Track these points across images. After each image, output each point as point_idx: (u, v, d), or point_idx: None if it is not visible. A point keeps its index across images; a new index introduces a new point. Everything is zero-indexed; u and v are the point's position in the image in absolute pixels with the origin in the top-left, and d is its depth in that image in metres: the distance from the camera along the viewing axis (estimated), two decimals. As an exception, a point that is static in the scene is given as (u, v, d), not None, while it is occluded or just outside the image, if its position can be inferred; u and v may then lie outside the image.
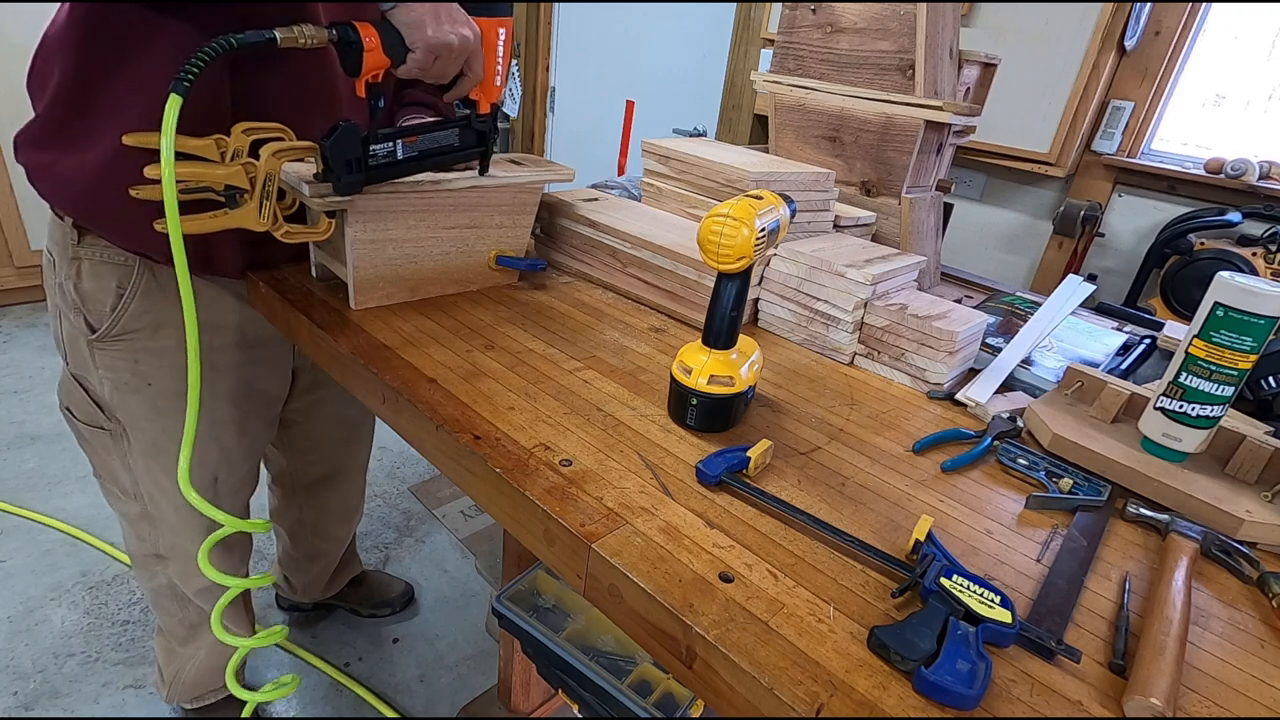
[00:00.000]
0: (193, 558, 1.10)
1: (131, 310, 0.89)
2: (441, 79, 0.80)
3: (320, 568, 1.50)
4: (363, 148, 0.78)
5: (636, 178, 1.26)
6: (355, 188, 0.79)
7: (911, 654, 0.46)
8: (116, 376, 0.92)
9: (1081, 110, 1.93)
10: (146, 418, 0.96)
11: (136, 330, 0.90)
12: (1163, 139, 2.04)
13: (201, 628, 1.24)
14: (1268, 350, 0.68)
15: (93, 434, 0.99)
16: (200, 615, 1.21)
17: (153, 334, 0.91)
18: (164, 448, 0.98)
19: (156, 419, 0.96)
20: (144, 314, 0.90)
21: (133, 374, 0.92)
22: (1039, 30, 1.93)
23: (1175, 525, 0.64)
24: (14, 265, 2.68)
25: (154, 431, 0.97)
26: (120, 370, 0.92)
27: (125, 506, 1.06)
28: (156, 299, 0.89)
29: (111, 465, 1.02)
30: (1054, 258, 2.18)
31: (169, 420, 0.96)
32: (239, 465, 1.08)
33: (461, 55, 0.78)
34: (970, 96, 1.27)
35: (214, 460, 1.03)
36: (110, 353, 0.91)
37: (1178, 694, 0.46)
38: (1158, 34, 1.90)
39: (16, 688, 1.39)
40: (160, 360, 0.92)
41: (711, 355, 0.69)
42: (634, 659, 1.03)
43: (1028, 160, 2.05)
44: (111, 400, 0.94)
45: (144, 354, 0.92)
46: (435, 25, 0.74)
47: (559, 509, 0.57)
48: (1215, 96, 1.96)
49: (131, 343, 0.91)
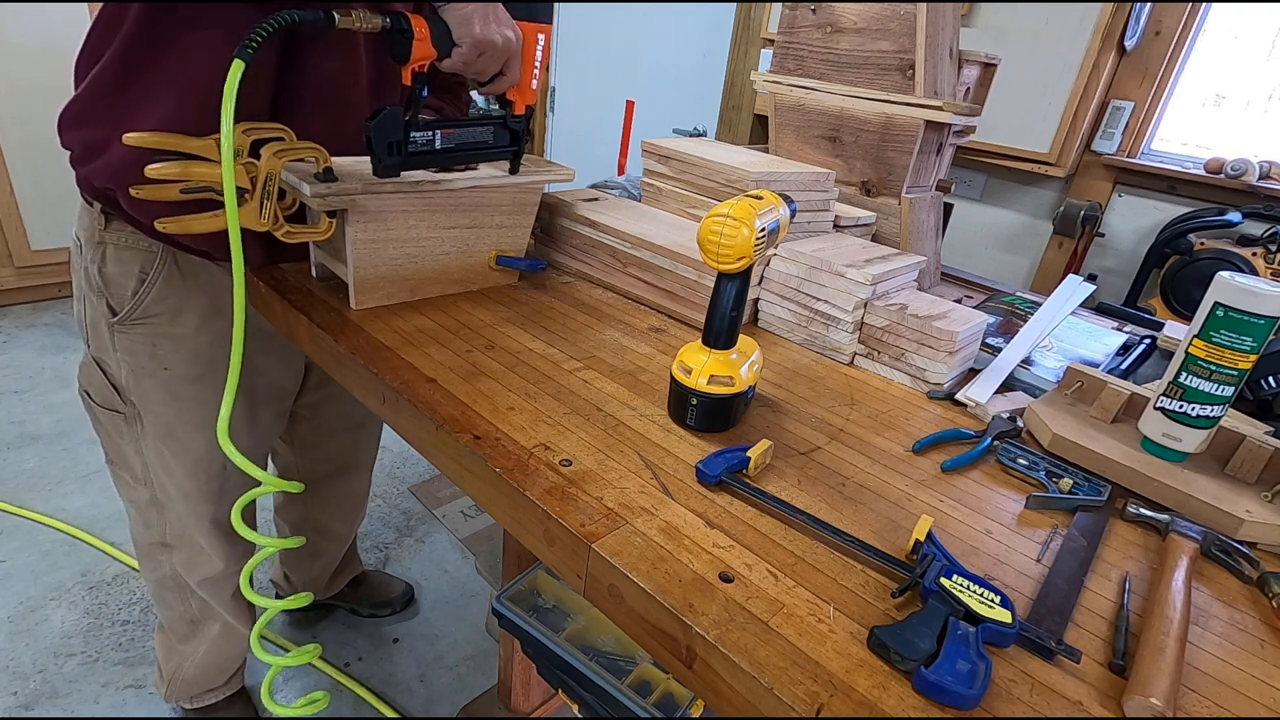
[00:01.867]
0: (198, 545, 1.12)
1: (153, 295, 0.91)
2: (481, 75, 0.84)
3: (322, 566, 1.51)
4: (404, 133, 0.81)
5: (636, 178, 1.26)
6: (394, 171, 0.82)
7: (911, 654, 0.46)
8: (134, 360, 0.95)
9: (1081, 110, 1.93)
10: (161, 402, 0.98)
11: (157, 315, 0.93)
12: (1163, 139, 2.04)
13: (202, 624, 1.24)
14: (1268, 350, 0.68)
15: (108, 417, 1.01)
16: (202, 610, 1.22)
17: (172, 319, 0.93)
18: (176, 432, 1.00)
19: (171, 403, 0.98)
20: (164, 299, 0.92)
21: (150, 358, 0.95)
22: (1039, 30, 1.93)
23: (1175, 525, 0.64)
24: (14, 265, 2.68)
25: (168, 415, 0.99)
26: (139, 354, 0.94)
27: (135, 493, 1.08)
28: (177, 285, 0.92)
29: (124, 450, 1.04)
30: (1054, 258, 2.18)
31: (182, 405, 0.98)
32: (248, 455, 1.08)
33: (504, 55, 0.82)
34: (970, 96, 1.27)
35: None
36: (130, 336, 0.93)
37: (1178, 694, 0.46)
38: (1158, 34, 1.90)
39: (16, 688, 1.39)
40: (178, 345, 0.95)
41: (711, 355, 0.69)
42: (634, 659, 1.04)
43: (1028, 160, 2.05)
44: (128, 383, 0.96)
45: (162, 338, 0.94)
46: (483, 23, 0.78)
47: (559, 509, 0.57)
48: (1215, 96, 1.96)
49: (151, 327, 0.93)
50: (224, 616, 1.23)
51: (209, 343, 0.96)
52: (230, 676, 1.35)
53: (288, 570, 1.53)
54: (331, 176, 0.79)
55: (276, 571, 1.57)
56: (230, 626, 1.25)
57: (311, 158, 0.79)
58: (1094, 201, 2.06)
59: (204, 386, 0.98)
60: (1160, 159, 2.02)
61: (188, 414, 0.99)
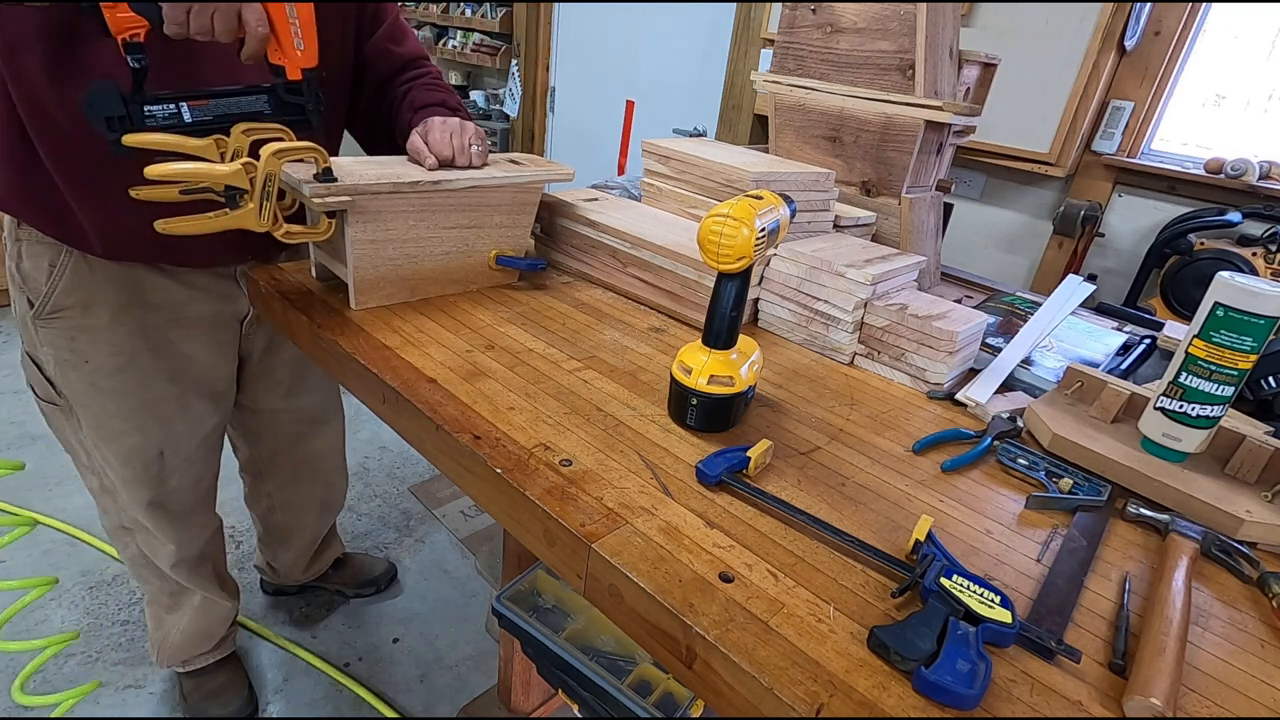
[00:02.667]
0: (149, 531, 1.15)
1: (61, 287, 0.93)
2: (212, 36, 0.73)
3: (297, 550, 1.53)
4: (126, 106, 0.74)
5: (636, 178, 1.26)
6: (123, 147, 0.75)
7: (911, 654, 0.46)
8: (57, 353, 0.97)
9: (1081, 110, 1.93)
10: (87, 394, 1.00)
11: (68, 307, 0.94)
12: (1163, 139, 2.04)
13: (182, 595, 1.29)
14: (1268, 350, 0.68)
15: (49, 410, 1.05)
16: (178, 585, 1.26)
17: (84, 311, 0.95)
18: (105, 423, 1.02)
19: (96, 395, 1.00)
20: (73, 291, 0.94)
21: (71, 351, 0.97)
22: (1039, 30, 1.93)
23: (1175, 525, 0.64)
24: (14, 265, 2.68)
25: (94, 408, 1.01)
26: (60, 347, 0.97)
27: (90, 481, 1.13)
28: (85, 277, 0.94)
29: (70, 440, 1.08)
30: (1054, 258, 2.18)
31: (107, 398, 1.00)
32: (185, 442, 1.11)
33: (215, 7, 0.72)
34: (970, 96, 1.27)
35: (157, 436, 1.07)
36: (50, 330, 0.96)
37: (1178, 694, 0.46)
38: (1158, 34, 1.90)
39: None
40: (95, 338, 0.96)
41: (711, 355, 0.69)
42: (634, 659, 1.03)
43: (1028, 160, 2.04)
44: (56, 377, 0.99)
45: (78, 331, 0.96)
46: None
47: (559, 509, 0.57)
48: (1215, 96, 1.96)
49: (66, 320, 0.95)
50: (199, 591, 1.27)
51: (126, 335, 0.98)
52: (218, 642, 1.38)
53: (268, 556, 1.57)
54: (331, 177, 0.79)
55: (259, 558, 1.61)
56: (208, 599, 1.30)
57: (311, 158, 0.79)
58: (1094, 201, 2.06)
59: (125, 379, 1.00)
60: (1160, 159, 2.02)
61: (113, 405, 1.01)
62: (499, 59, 3.40)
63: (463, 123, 0.94)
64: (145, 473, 1.08)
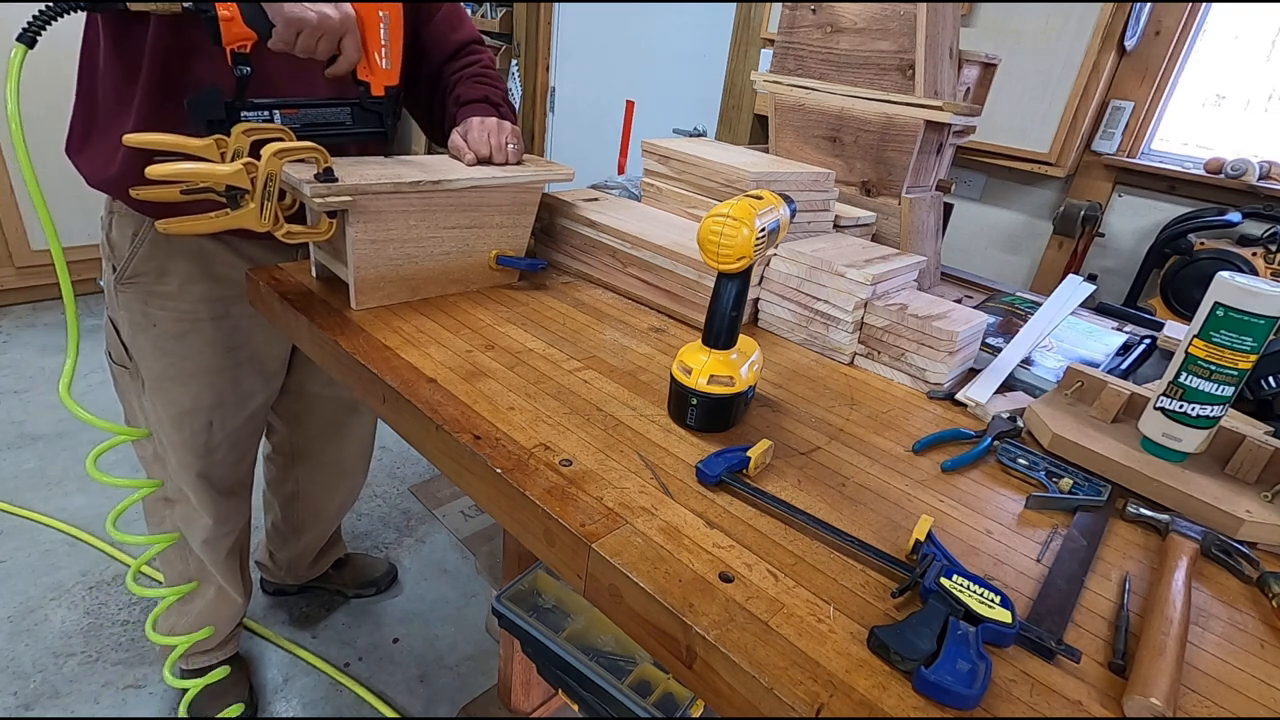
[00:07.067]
0: (190, 500, 1.19)
1: (141, 254, 1.01)
2: (313, 54, 0.82)
3: (306, 544, 1.54)
4: (227, 111, 0.80)
5: (636, 178, 1.26)
6: None
7: (911, 654, 0.46)
8: (131, 316, 1.05)
9: (1081, 110, 1.93)
10: (152, 356, 1.07)
11: (145, 273, 1.02)
12: (1163, 139, 2.04)
13: (201, 584, 1.30)
14: (1268, 350, 0.68)
15: (120, 373, 1.12)
16: (199, 571, 1.29)
17: (158, 278, 1.02)
18: (164, 386, 1.08)
19: (160, 357, 1.07)
20: (150, 258, 1.01)
21: (143, 314, 1.04)
22: (1039, 30, 1.93)
23: (1175, 525, 0.64)
24: (14, 265, 2.68)
25: (157, 369, 1.07)
26: (134, 310, 1.04)
27: (143, 449, 1.18)
28: (161, 246, 1.01)
29: (133, 405, 1.14)
30: (1054, 258, 2.18)
31: (169, 360, 1.07)
32: (232, 415, 1.15)
33: (324, 32, 0.81)
34: (970, 96, 1.27)
35: (208, 404, 1.11)
36: (127, 294, 1.03)
37: (1178, 694, 0.46)
38: (1158, 34, 1.90)
39: (16, 688, 1.39)
40: (164, 303, 1.03)
41: (711, 355, 0.69)
42: (634, 659, 1.04)
43: (1028, 160, 2.05)
44: (128, 339, 1.07)
45: (151, 296, 1.03)
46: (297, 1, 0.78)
47: (559, 509, 0.57)
48: (1215, 96, 1.96)
49: (141, 285, 1.03)
50: (218, 580, 1.29)
51: (192, 303, 1.04)
52: (224, 640, 1.39)
53: (273, 547, 1.57)
54: (331, 177, 0.79)
55: (262, 551, 1.60)
56: (224, 591, 1.31)
57: (312, 158, 0.79)
58: (1094, 201, 2.06)
59: (187, 343, 1.06)
60: (1160, 159, 2.02)
61: (173, 368, 1.07)
62: (499, 59, 3.40)
63: (499, 122, 0.99)
64: (194, 439, 1.13)
